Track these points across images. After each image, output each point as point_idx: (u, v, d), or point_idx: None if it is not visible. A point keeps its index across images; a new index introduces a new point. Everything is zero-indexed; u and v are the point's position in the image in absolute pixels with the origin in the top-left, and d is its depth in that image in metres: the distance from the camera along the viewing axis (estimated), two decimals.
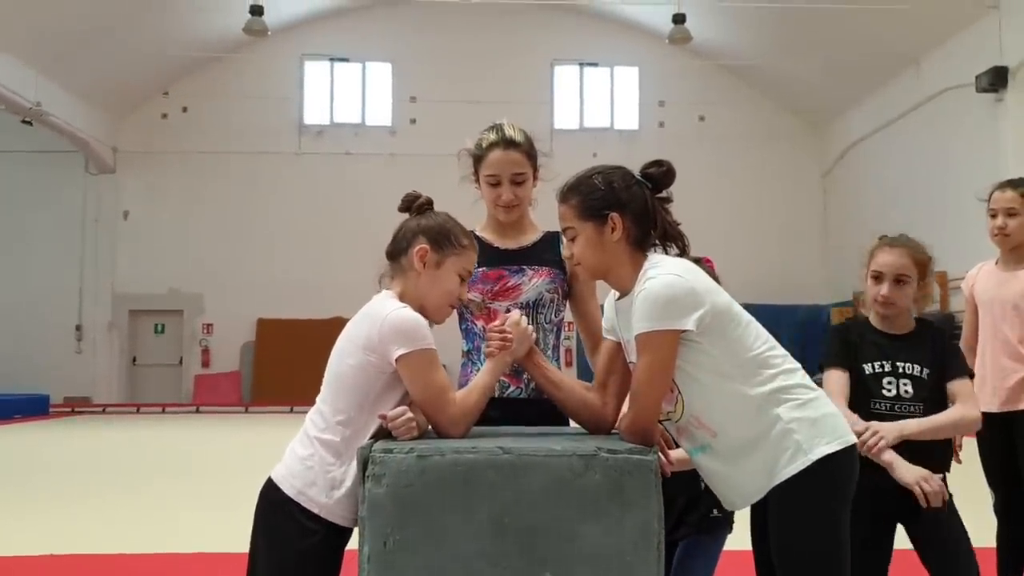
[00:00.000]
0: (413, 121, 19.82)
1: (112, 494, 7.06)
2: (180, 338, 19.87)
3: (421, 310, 2.17)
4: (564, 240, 2.24)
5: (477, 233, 2.72)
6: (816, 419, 2.05)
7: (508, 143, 2.67)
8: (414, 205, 2.32)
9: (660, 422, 2.20)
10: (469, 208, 2.83)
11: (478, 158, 2.71)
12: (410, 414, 2.06)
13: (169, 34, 17.48)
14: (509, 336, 2.20)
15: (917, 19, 14.33)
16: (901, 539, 2.67)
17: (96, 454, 10.39)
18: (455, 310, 2.34)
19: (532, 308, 2.68)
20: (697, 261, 2.26)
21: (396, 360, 2.07)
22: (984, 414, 3.35)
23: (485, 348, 2.25)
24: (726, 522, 2.66)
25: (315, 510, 2.08)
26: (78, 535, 5.35)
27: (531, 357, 2.28)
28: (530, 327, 2.26)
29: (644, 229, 2.15)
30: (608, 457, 1.90)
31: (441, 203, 2.38)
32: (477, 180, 2.75)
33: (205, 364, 19.67)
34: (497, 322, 2.22)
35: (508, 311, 2.53)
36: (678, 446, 2.28)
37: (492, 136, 2.70)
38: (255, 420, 15.87)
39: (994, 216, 3.36)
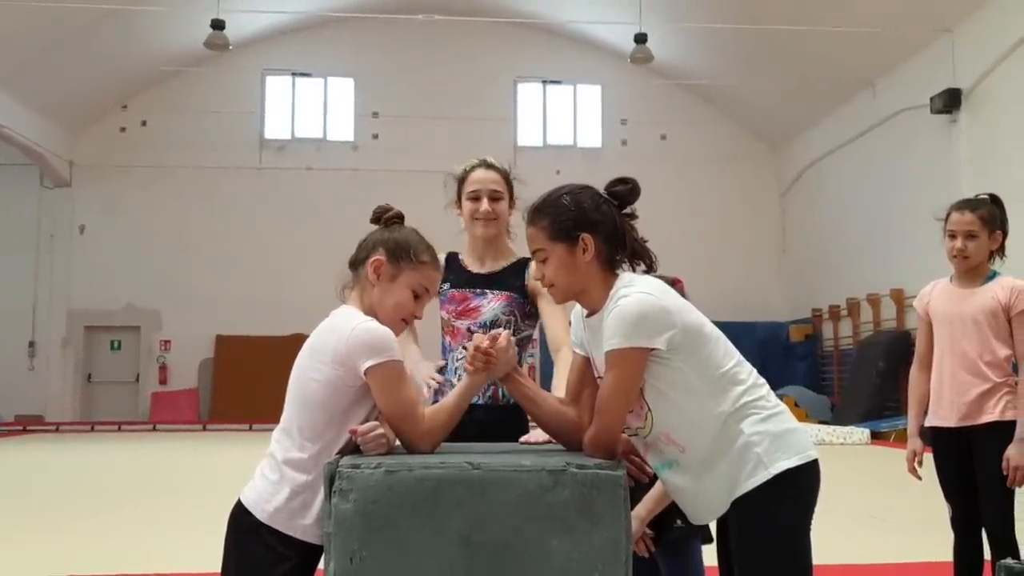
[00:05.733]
0: (375, 137, 19.78)
1: (67, 515, 6.90)
2: (137, 355, 19.55)
3: None
4: (534, 262, 2.22)
5: (460, 257, 3.06)
6: (778, 433, 2.06)
7: (489, 165, 3.02)
8: (383, 217, 2.31)
9: (629, 438, 2.21)
10: (433, 223, 2.85)
11: (461, 179, 3.03)
12: (381, 429, 2.04)
13: (129, 47, 17.28)
14: (493, 359, 2.16)
15: (873, 42, 14.62)
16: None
17: (50, 474, 10.16)
18: (408, 325, 2.32)
19: (488, 328, 2.84)
20: (671, 283, 2.26)
21: (365, 372, 2.05)
22: (941, 428, 3.43)
23: (466, 365, 2.23)
24: (693, 534, 2.66)
25: (290, 533, 2.07)
26: (31, 558, 5.22)
27: (510, 373, 2.25)
28: (514, 349, 2.24)
29: (614, 248, 2.14)
30: (577, 472, 1.89)
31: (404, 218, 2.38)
32: (459, 204, 3.02)
33: (162, 381, 19.36)
34: (486, 342, 2.17)
35: (470, 330, 2.86)
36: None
37: (475, 161, 3.06)
38: (213, 438, 15.64)
39: (953, 237, 3.34)
